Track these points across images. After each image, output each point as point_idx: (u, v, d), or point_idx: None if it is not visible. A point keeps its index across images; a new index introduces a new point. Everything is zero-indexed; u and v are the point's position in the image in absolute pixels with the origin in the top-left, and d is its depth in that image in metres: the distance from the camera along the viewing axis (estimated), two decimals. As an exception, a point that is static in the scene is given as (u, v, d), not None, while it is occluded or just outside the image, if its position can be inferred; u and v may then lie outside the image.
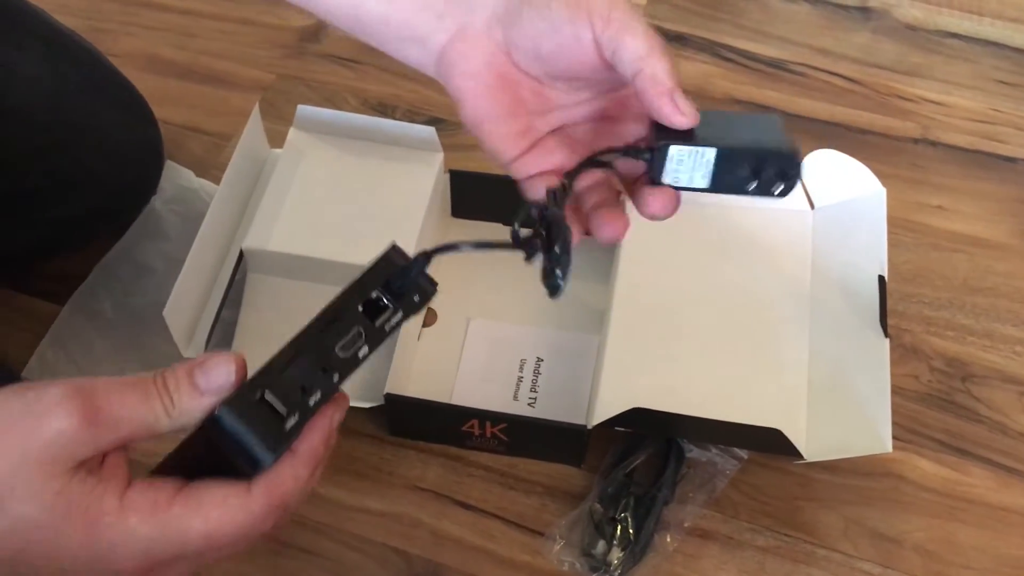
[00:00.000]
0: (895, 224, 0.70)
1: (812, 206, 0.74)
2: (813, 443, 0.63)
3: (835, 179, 0.72)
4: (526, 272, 0.47)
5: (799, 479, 0.67)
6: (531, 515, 0.66)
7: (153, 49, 0.93)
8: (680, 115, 0.43)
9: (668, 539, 0.64)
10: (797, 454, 0.61)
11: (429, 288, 0.43)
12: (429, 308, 0.74)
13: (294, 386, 0.39)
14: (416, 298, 0.43)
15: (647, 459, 0.66)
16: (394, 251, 0.42)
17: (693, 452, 0.66)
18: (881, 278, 0.66)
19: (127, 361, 0.73)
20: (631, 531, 0.63)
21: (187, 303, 0.66)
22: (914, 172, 0.84)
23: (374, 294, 0.42)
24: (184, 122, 0.87)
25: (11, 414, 0.36)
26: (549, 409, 0.69)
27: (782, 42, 0.94)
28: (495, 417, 0.65)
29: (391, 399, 0.64)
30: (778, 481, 0.67)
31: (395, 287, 0.42)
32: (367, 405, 0.66)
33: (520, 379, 0.71)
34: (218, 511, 0.37)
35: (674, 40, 0.94)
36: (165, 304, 0.62)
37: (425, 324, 0.73)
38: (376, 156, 0.75)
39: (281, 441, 0.39)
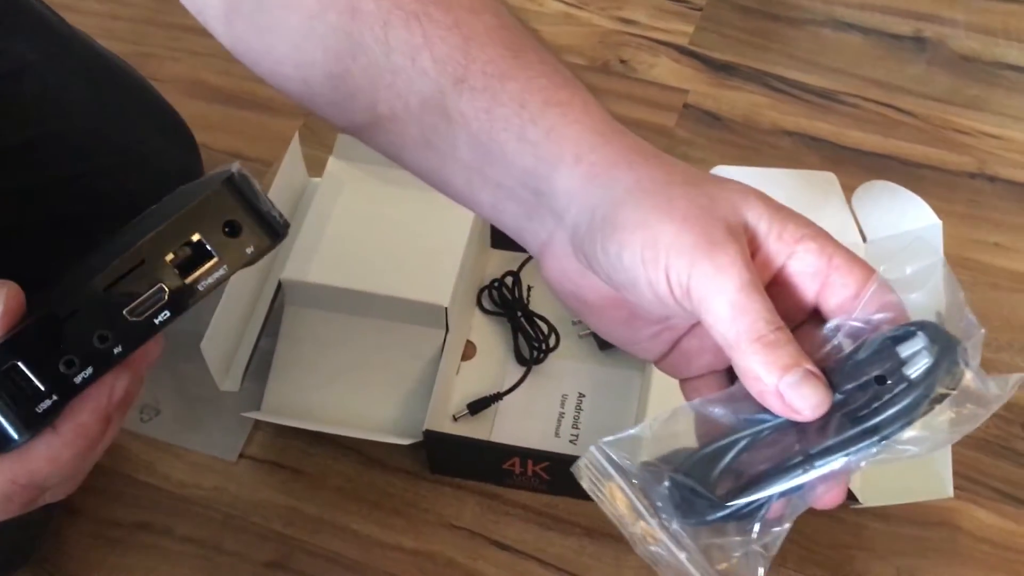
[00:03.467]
0: (951, 262, 0.66)
1: (864, 239, 0.72)
2: (869, 487, 0.61)
3: (888, 211, 0.70)
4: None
5: (851, 527, 0.64)
6: (570, 557, 0.64)
7: (197, 75, 0.93)
8: (794, 413, 0.34)
9: (713, 587, 0.62)
10: (852, 498, 0.59)
11: (280, 227, 0.33)
12: (469, 341, 0.72)
13: (56, 357, 0.32)
14: (250, 249, 0.33)
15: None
16: (237, 177, 0.32)
17: (739, 496, 0.64)
18: (939, 315, 0.63)
19: (160, 388, 0.72)
20: (674, 578, 0.61)
21: (224, 334, 0.66)
22: (971, 208, 0.82)
23: (195, 237, 0.32)
24: (225, 148, 0.87)
25: None
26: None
27: (834, 72, 0.92)
28: (537, 455, 0.63)
29: (430, 436, 0.63)
30: (829, 528, 0.64)
31: (227, 228, 0.32)
32: (406, 442, 0.64)
33: (561, 415, 0.69)
34: None
35: (722, 69, 0.93)
36: (202, 334, 0.61)
37: (464, 358, 0.72)
38: (416, 185, 0.73)
39: (33, 423, 0.33)
